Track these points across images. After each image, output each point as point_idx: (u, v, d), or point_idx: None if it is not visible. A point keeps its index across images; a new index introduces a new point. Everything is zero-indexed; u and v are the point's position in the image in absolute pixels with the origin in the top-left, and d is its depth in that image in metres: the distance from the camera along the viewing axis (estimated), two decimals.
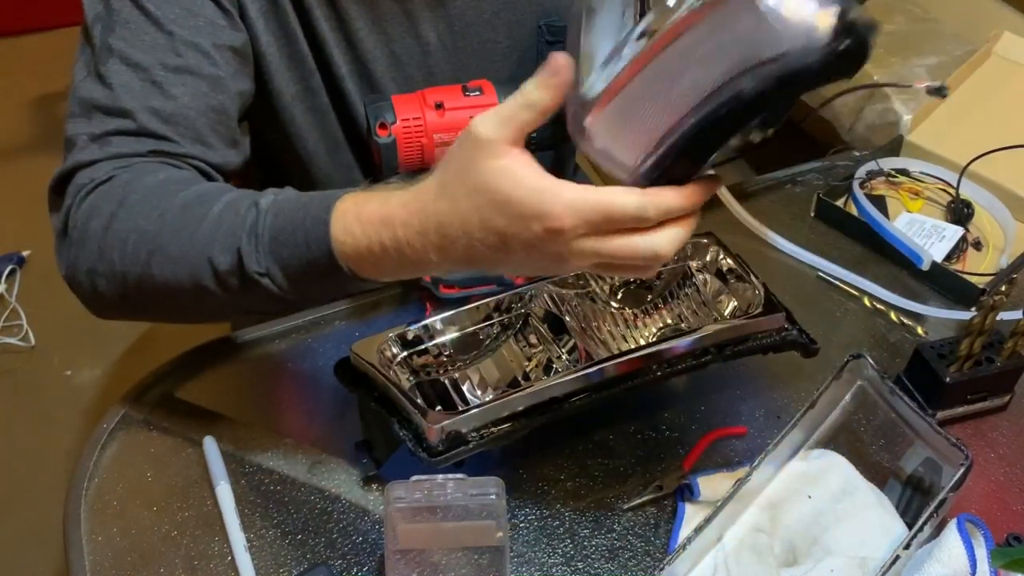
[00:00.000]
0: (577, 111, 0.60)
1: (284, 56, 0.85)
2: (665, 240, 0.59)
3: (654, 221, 0.58)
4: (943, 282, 0.97)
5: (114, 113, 0.74)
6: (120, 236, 0.70)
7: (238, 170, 0.81)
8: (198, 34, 0.76)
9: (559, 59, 0.58)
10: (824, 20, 0.52)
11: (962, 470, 0.71)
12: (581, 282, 0.85)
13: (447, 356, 0.81)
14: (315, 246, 0.65)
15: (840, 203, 1.06)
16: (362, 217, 0.64)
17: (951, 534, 0.69)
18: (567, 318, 0.83)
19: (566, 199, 0.57)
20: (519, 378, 0.81)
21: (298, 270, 0.66)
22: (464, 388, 0.80)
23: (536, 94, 0.58)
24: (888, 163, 1.10)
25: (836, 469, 0.76)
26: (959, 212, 1.05)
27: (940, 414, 0.83)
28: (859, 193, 1.04)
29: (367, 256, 0.64)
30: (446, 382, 0.80)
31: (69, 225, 0.72)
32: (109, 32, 0.75)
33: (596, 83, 0.58)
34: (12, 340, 1.93)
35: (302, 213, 0.66)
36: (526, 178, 0.58)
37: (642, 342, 0.85)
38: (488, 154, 0.58)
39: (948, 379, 0.81)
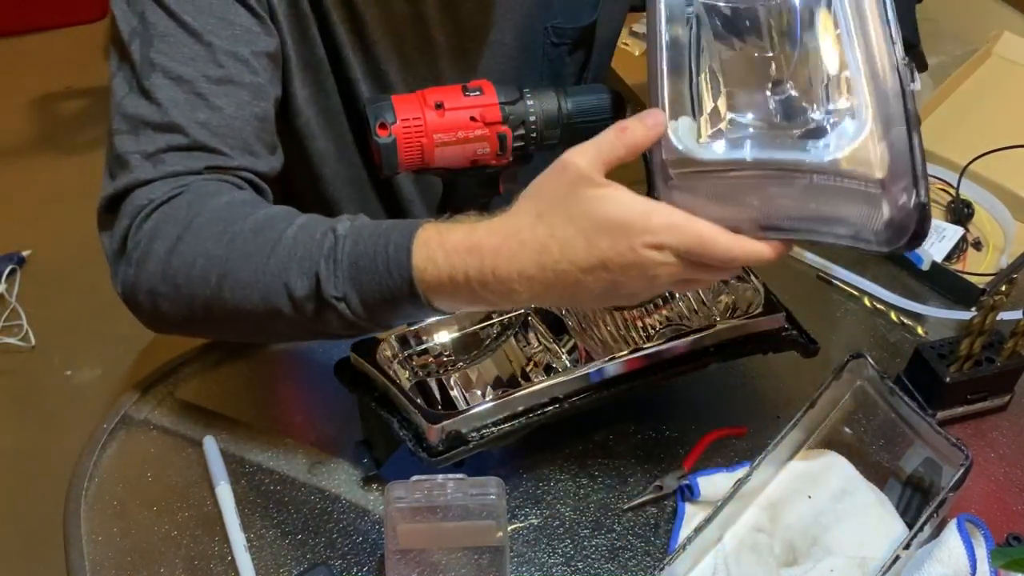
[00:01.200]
0: (666, 160, 0.65)
1: (301, 59, 0.85)
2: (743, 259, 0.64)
3: (739, 262, 0.63)
4: (943, 282, 0.97)
5: (164, 129, 0.73)
6: (186, 260, 0.69)
7: (278, 176, 0.81)
8: (236, 43, 0.76)
9: (658, 114, 0.64)
10: (905, 227, 0.59)
11: (962, 470, 0.71)
12: None
13: (447, 356, 0.81)
14: (396, 273, 0.65)
15: None
16: (446, 245, 0.64)
17: (951, 534, 0.69)
18: (567, 318, 0.83)
19: (670, 220, 0.61)
20: (519, 378, 0.81)
21: (375, 297, 0.66)
22: (464, 388, 0.80)
23: (638, 135, 0.64)
24: None
25: (836, 469, 0.76)
26: (959, 212, 1.05)
27: (940, 414, 0.83)
28: None
29: (447, 286, 0.64)
30: (446, 382, 0.80)
31: (128, 246, 0.71)
32: (148, 46, 0.74)
33: (697, 149, 0.64)
34: (12, 340, 1.93)
35: (383, 240, 0.65)
36: (631, 200, 0.62)
37: (642, 342, 0.85)
38: (589, 184, 0.62)
39: (948, 379, 0.81)
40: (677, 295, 0.87)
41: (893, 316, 0.95)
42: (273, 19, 0.80)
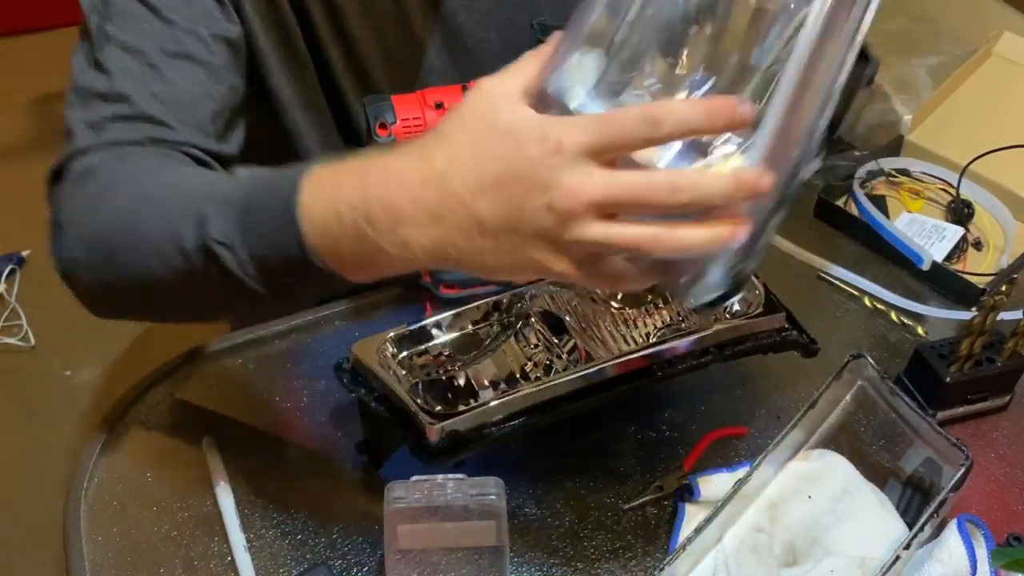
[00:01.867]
0: (541, 85, 0.56)
1: (280, 53, 0.85)
2: (692, 179, 0.52)
3: (667, 125, 0.51)
4: (943, 282, 0.97)
5: (111, 99, 0.72)
6: (98, 219, 0.67)
7: (234, 161, 0.79)
8: (196, 22, 0.75)
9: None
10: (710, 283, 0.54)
11: (962, 470, 0.71)
12: None
13: (447, 356, 0.81)
14: (283, 212, 0.57)
15: (840, 203, 1.06)
16: (337, 175, 0.57)
17: (951, 534, 0.69)
18: (567, 318, 0.83)
19: (566, 119, 0.52)
20: (519, 378, 0.81)
21: (262, 243, 0.59)
22: (464, 388, 0.80)
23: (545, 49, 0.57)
24: (888, 163, 1.10)
25: (836, 469, 0.76)
26: (959, 212, 1.05)
27: (940, 414, 0.83)
28: (859, 193, 1.04)
29: (333, 226, 0.56)
30: (446, 382, 0.80)
31: (58, 213, 0.70)
32: (106, 21, 0.74)
33: (575, 91, 0.55)
34: (12, 340, 1.93)
35: (279, 179, 0.60)
36: (526, 109, 0.54)
37: (642, 342, 0.85)
38: (489, 96, 0.55)
39: (948, 379, 0.81)
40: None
41: (893, 316, 0.95)
42: (238, 10, 0.79)
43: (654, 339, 0.85)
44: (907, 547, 0.68)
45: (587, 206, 0.51)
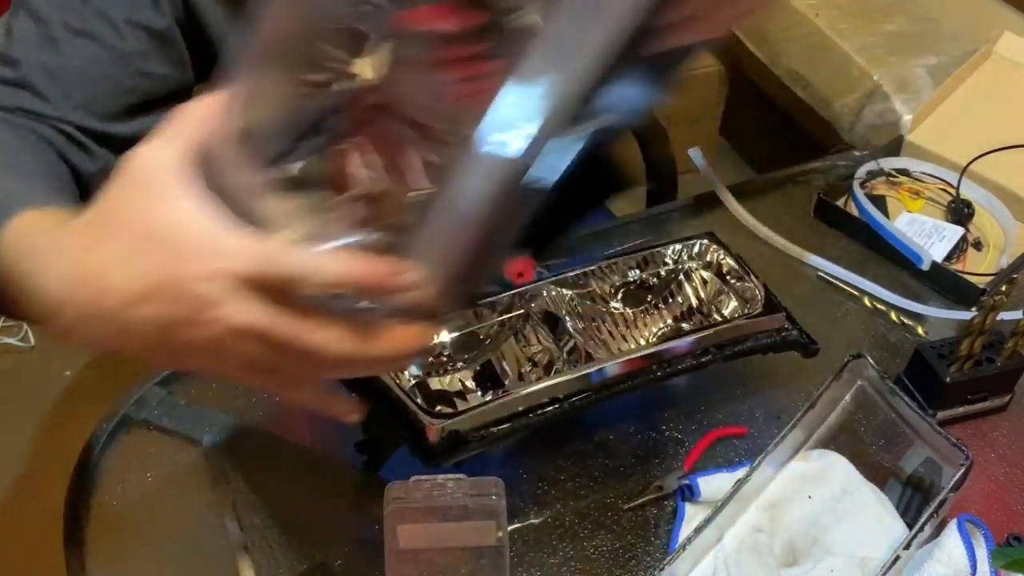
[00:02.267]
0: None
1: None
2: (339, 339, 0.49)
3: (328, 276, 0.48)
4: (943, 282, 0.97)
5: (2, 61, 0.72)
6: None
7: (131, 143, 0.78)
8: (113, 6, 0.75)
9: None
10: None
11: (962, 470, 0.71)
12: (581, 281, 0.85)
13: (447, 356, 0.81)
14: None
15: (840, 203, 1.06)
16: (33, 229, 0.55)
17: (951, 534, 0.69)
18: (567, 318, 0.83)
19: (230, 242, 0.48)
20: (519, 378, 0.81)
21: None
22: (464, 388, 0.80)
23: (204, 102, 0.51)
24: (888, 163, 1.10)
25: (836, 469, 0.76)
26: (959, 212, 1.05)
27: (940, 414, 0.83)
28: (859, 193, 1.04)
29: (10, 284, 0.55)
30: (446, 381, 0.80)
31: None
32: None
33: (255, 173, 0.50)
34: (12, 340, 1.93)
35: (8, 198, 0.57)
36: (189, 207, 0.49)
37: (642, 342, 0.85)
38: (150, 179, 0.50)
39: (948, 379, 0.81)
40: (678, 296, 0.87)
41: (893, 316, 0.95)
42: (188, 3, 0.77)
43: (654, 339, 0.85)
44: (907, 547, 0.68)
45: (237, 333, 0.49)
